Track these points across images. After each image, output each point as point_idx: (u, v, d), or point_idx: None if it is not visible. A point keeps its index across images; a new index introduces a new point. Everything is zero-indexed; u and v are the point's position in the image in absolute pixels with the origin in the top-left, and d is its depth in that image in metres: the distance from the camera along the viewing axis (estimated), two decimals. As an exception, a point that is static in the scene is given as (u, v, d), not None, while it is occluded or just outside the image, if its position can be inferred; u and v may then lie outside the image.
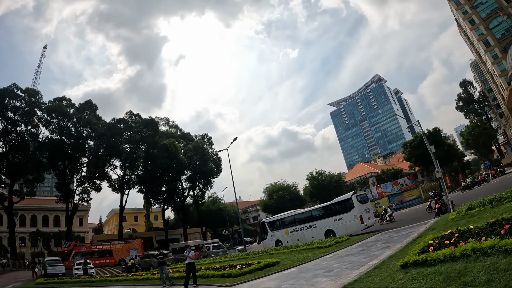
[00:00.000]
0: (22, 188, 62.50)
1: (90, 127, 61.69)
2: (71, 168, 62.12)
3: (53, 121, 60.10)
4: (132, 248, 55.45)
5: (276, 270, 17.46)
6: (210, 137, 77.22)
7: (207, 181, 72.30)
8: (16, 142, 58.20)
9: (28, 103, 58.83)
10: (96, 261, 50.60)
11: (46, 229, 79.71)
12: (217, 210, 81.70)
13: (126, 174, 65.83)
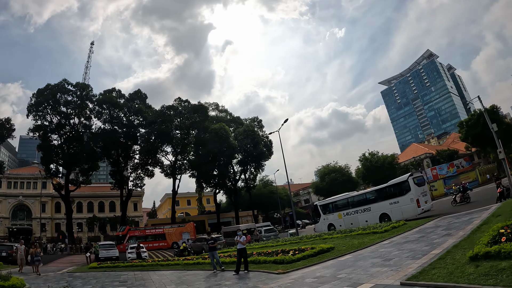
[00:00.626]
0: (78, 177, 65.78)
1: (141, 116, 63.97)
2: (124, 156, 64.83)
3: (105, 112, 63.11)
4: (184, 231, 57.01)
5: (331, 256, 16.76)
6: (260, 120, 77.14)
7: (258, 164, 72.28)
8: (71, 134, 62.28)
9: (79, 96, 62.39)
10: (149, 245, 53.51)
11: (102, 215, 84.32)
12: (269, 193, 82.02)
13: (177, 160, 67.54)
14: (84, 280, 20.42)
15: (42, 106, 60.26)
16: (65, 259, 43.07)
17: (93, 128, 64.28)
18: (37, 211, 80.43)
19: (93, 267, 28.26)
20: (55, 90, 60.72)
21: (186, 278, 17.85)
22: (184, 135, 67.50)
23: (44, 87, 61.16)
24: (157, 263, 26.73)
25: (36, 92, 61.16)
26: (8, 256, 33.02)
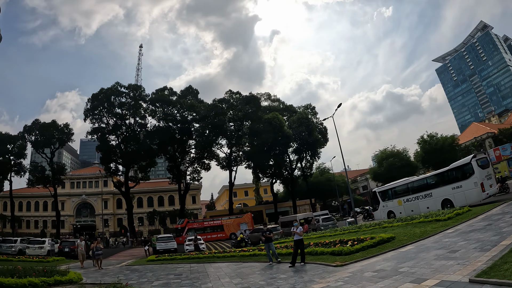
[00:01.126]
0: (137, 174, 69.95)
1: (194, 111, 65.49)
2: (180, 151, 67.28)
3: (158, 110, 65.82)
4: (242, 222, 58.12)
5: (391, 247, 16.27)
6: (313, 107, 76.40)
7: (314, 151, 71.71)
8: (127, 134, 65.44)
9: (132, 97, 65.40)
10: (208, 236, 55.63)
11: (162, 209, 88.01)
12: (326, 181, 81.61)
13: (233, 152, 68.98)
14: (140, 273, 21.01)
15: (98, 109, 63.69)
16: (126, 252, 45.41)
17: (149, 127, 67.20)
18: (99, 208, 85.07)
19: (151, 260, 29.15)
20: (109, 93, 63.94)
21: (241, 270, 17.79)
22: (237, 127, 68.63)
23: (98, 91, 64.48)
24: (213, 255, 26.78)
25: (91, 97, 64.60)
26: (71, 251, 35.70)
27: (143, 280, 17.35)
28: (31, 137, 68.84)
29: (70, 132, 69.41)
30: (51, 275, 15.27)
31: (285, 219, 50.88)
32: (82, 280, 16.69)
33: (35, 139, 68.45)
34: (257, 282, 13.46)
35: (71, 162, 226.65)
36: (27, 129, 68.81)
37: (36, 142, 68.28)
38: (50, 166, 69.24)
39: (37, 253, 36.35)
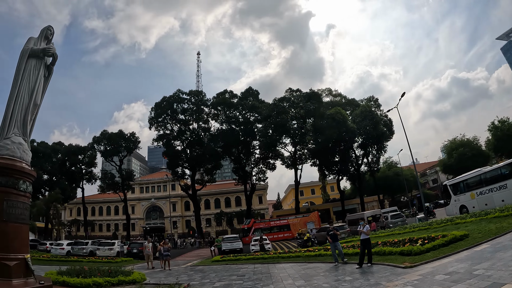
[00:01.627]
0: (203, 177, 71.42)
1: (256, 111, 66.77)
2: (245, 152, 68.57)
3: (220, 113, 68.06)
4: (309, 221, 57.91)
5: (465, 246, 15.23)
6: (376, 99, 74.04)
7: (380, 145, 70.10)
8: (192, 138, 68.07)
9: (194, 103, 68.18)
10: (274, 236, 56.22)
11: (229, 210, 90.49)
12: (394, 176, 79.37)
13: (297, 150, 69.11)
14: (204, 273, 21.23)
15: (161, 117, 67.18)
16: (193, 253, 46.96)
17: (212, 130, 69.30)
18: (168, 210, 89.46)
19: (216, 260, 29.38)
20: (171, 101, 67.12)
21: (305, 272, 17.55)
22: (300, 125, 68.72)
23: (160, 100, 67.83)
24: (278, 255, 26.62)
25: (154, 106, 68.13)
26: (139, 252, 37.53)
27: (205, 281, 17.49)
28: (100, 147, 74.84)
29: (137, 140, 74.64)
30: (115, 275, 16.20)
31: (352, 216, 49.98)
32: (146, 280, 17.31)
33: (104, 148, 74.30)
34: (320, 285, 13.18)
35: (140, 168, 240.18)
36: (96, 140, 74.68)
37: (105, 151, 74.20)
38: (119, 173, 74.05)
39: (106, 254, 39.01)
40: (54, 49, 11.40)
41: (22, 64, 10.83)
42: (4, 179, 9.44)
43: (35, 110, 11.03)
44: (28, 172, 10.18)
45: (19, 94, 10.55)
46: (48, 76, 11.67)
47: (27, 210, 9.99)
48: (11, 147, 10.01)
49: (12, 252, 8.98)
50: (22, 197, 9.81)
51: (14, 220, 9.30)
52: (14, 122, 10.40)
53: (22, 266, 9.04)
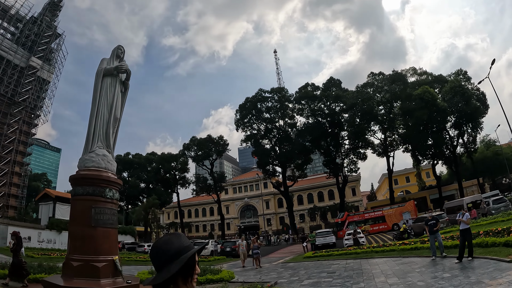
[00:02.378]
0: (294, 173, 73.73)
1: (340, 101, 67.08)
2: (333, 144, 69.51)
3: (304, 107, 69.44)
4: (404, 211, 55.90)
5: None
6: (465, 72, 68.80)
7: (475, 123, 65.24)
8: (279, 136, 70.73)
9: (278, 100, 70.30)
10: (369, 228, 55.51)
11: (322, 204, 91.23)
12: (493, 156, 74.11)
13: (387, 136, 68.17)
14: (294, 271, 21.16)
15: (247, 118, 70.56)
16: (286, 249, 48.14)
17: (298, 125, 71.43)
18: (261, 208, 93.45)
19: (307, 257, 28.96)
20: (255, 101, 70.02)
21: (399, 267, 16.77)
22: (387, 109, 67.50)
23: (244, 101, 71.14)
24: (371, 249, 25.95)
25: (239, 108, 71.60)
26: (232, 251, 39.70)
27: (293, 279, 17.38)
28: (191, 153, 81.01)
29: (225, 143, 79.94)
30: (204, 274, 16.94)
31: (451, 204, 46.69)
32: (234, 278, 17.55)
33: (195, 154, 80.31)
34: (415, 283, 12.39)
35: (232, 169, 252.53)
36: (186, 147, 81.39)
37: (195, 156, 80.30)
38: (211, 176, 79.08)
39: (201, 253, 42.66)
40: (126, 66, 12.34)
41: (98, 83, 11.94)
42: (91, 189, 10.63)
43: (115, 123, 12.18)
44: (113, 181, 11.32)
45: (99, 110, 11.68)
46: (125, 91, 12.74)
47: (114, 216, 11.15)
48: (96, 159, 11.17)
49: (101, 255, 10.08)
50: (109, 204, 10.94)
51: (102, 225, 10.45)
52: (97, 136, 11.55)
53: (111, 267, 10.07)
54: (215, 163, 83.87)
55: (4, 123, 71.13)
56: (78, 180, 10.92)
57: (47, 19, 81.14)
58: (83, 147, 11.68)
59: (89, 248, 10.07)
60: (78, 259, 9.93)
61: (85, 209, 10.45)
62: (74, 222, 10.75)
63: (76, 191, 10.84)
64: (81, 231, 10.36)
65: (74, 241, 10.53)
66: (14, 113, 72.51)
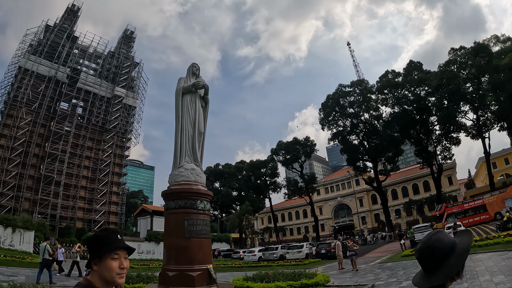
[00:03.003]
0: (385, 167, 73.21)
1: (424, 85, 64.71)
2: (423, 131, 66.94)
3: (388, 96, 68.01)
4: (507, 197, 50.10)
5: None
6: None
7: None
8: (366, 130, 70.49)
9: (359, 93, 70.22)
10: (470, 220, 51.26)
11: (418, 197, 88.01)
12: None
13: (479, 116, 63.97)
14: (392, 271, 20.76)
15: (331, 116, 71.05)
16: (382, 248, 47.13)
17: (384, 116, 70.39)
18: (355, 207, 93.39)
19: (405, 255, 28.10)
20: (336, 97, 70.41)
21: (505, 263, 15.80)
22: (475, 86, 63.55)
23: (325, 100, 71.99)
24: (474, 243, 23.44)
25: (321, 107, 72.69)
26: (327, 253, 40.08)
27: (391, 280, 16.88)
28: (279, 157, 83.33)
29: (312, 144, 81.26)
30: (299, 278, 16.65)
31: None
32: (329, 282, 17.24)
33: (283, 158, 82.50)
34: None
35: (322, 169, 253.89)
36: (274, 152, 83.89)
37: (284, 160, 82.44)
38: (302, 178, 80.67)
39: (296, 257, 42.12)
40: (203, 82, 12.84)
41: (179, 102, 12.59)
42: (183, 202, 11.25)
43: (201, 137, 12.75)
44: (203, 193, 11.85)
45: (183, 127, 12.33)
46: (206, 105, 13.28)
47: (207, 226, 11.64)
48: (185, 174, 11.77)
49: (195, 264, 10.64)
50: (202, 215, 11.48)
51: (196, 236, 10.99)
52: (184, 152, 12.20)
53: (205, 275, 10.59)
54: (305, 164, 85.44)
55: (99, 149, 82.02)
56: (170, 195, 11.71)
57: (123, 51, 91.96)
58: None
59: (184, 258, 10.75)
60: (173, 269, 10.68)
61: (178, 221, 11.14)
62: (169, 235, 11.55)
63: (168, 205, 11.62)
64: (176, 243, 11.11)
65: (169, 252, 11.31)
66: (107, 139, 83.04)
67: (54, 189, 71.89)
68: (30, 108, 74.21)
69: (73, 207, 74.62)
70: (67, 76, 79.59)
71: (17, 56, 78.77)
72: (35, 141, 73.87)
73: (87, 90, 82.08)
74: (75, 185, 76.43)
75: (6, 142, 70.13)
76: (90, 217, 76.13)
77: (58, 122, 76.56)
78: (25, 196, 69.88)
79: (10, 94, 74.55)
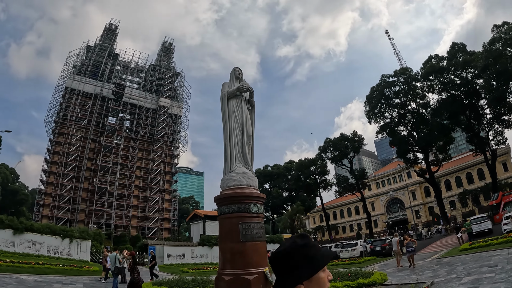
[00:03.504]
0: (437, 157, 70.26)
1: (470, 67, 62.25)
2: (474, 116, 64.40)
3: (434, 82, 65.75)
4: None
5: None
6: None
7: None
8: (414, 119, 68.27)
9: (403, 82, 68.25)
10: None
11: (472, 186, 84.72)
12: None
13: None
14: (450, 267, 20.17)
15: (376, 108, 69.77)
16: (439, 243, 45.04)
17: (432, 104, 67.86)
18: (408, 200, 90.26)
19: (463, 249, 27.43)
20: (380, 88, 68.90)
21: None
22: None
23: (369, 92, 70.71)
24: None
25: (366, 99, 71.56)
26: (382, 250, 38.97)
27: (451, 277, 16.47)
28: (328, 154, 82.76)
29: (360, 138, 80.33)
30: (355, 278, 16.35)
31: None
32: (387, 280, 16.69)
33: (332, 155, 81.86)
34: None
35: (372, 164, 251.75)
36: (322, 149, 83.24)
37: (333, 157, 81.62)
38: (352, 174, 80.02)
39: (350, 255, 41.32)
40: (247, 85, 12.81)
41: (225, 107, 12.57)
42: (237, 206, 11.22)
43: (249, 141, 12.68)
44: (256, 196, 11.76)
45: (231, 131, 12.32)
46: (252, 108, 13.20)
47: (261, 229, 11.53)
48: (236, 178, 11.77)
49: (251, 267, 10.54)
50: (256, 218, 11.41)
51: (251, 239, 10.92)
52: (234, 156, 12.19)
53: (261, 278, 10.46)
54: (354, 160, 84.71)
55: (149, 159, 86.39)
56: (223, 199, 11.68)
57: (164, 63, 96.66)
58: (222, 167, 12.66)
59: (240, 262, 10.70)
60: (229, 273, 10.67)
61: (232, 226, 11.13)
62: (224, 239, 11.56)
63: (222, 210, 11.62)
64: (231, 247, 11.09)
65: (225, 256, 11.36)
66: (156, 149, 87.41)
67: (108, 200, 76.55)
68: (80, 125, 79.60)
69: (127, 216, 78.76)
70: (112, 91, 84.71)
71: (62, 78, 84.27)
72: (86, 155, 79.01)
73: (132, 104, 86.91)
74: (128, 194, 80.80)
75: (60, 158, 75.81)
76: (144, 224, 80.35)
77: (107, 136, 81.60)
78: (81, 208, 74.83)
79: (60, 114, 79.82)
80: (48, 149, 78.71)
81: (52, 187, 74.42)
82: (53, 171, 75.78)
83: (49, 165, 76.82)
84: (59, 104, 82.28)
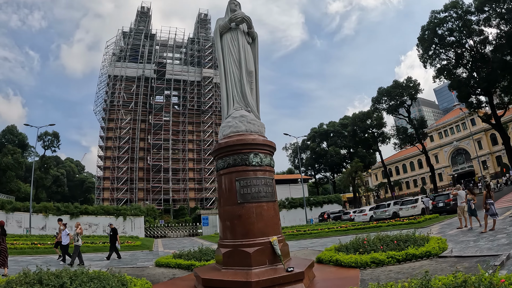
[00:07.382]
0: (502, 98, 62.31)
1: None
2: None
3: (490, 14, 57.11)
4: None
5: None
6: None
7: None
8: (473, 59, 60.19)
9: (457, 17, 59.41)
10: None
11: None
12: None
13: None
14: None
15: (431, 50, 62.02)
16: (509, 196, 39.41)
17: (490, 39, 59.38)
18: (473, 150, 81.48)
19: None
20: (432, 27, 60.75)
21: None
22: None
23: (421, 33, 62.79)
24: None
25: (418, 41, 63.89)
26: (445, 206, 33.79)
27: None
28: (382, 105, 76.15)
29: (416, 83, 72.83)
30: (405, 246, 12.19)
31: None
32: (446, 250, 11.84)
33: (387, 105, 75.20)
34: None
35: (434, 114, 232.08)
36: (376, 100, 76.65)
37: (388, 108, 75.03)
38: (410, 124, 73.51)
39: (410, 213, 36.32)
40: (241, 14, 10.79)
41: (218, 43, 10.93)
42: (232, 158, 9.12)
43: (251, 78, 10.64)
44: (259, 143, 9.40)
45: (226, 70, 10.58)
46: (253, 41, 11.23)
47: (267, 186, 9.11)
48: (232, 123, 9.79)
49: (252, 237, 8.46)
50: (259, 172, 9.09)
51: (251, 200, 8.77)
52: (232, 98, 10.34)
53: (266, 251, 8.32)
54: (413, 110, 78.09)
55: (199, 131, 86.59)
56: (216, 152, 9.66)
57: (202, 34, 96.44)
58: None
59: (237, 230, 8.70)
60: (227, 244, 8.78)
61: (228, 184, 9.06)
62: (221, 202, 9.55)
63: (217, 165, 9.61)
64: (228, 212, 9.01)
65: (224, 224, 9.24)
66: (205, 120, 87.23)
67: (164, 176, 78.53)
68: (128, 108, 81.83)
69: (184, 189, 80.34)
70: (154, 71, 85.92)
71: (104, 67, 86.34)
72: (138, 136, 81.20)
73: (176, 79, 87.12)
74: (183, 168, 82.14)
75: (113, 143, 78.97)
76: (202, 195, 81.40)
77: (155, 115, 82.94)
78: (139, 187, 77.45)
79: (107, 101, 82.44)
80: (101, 136, 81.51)
81: (110, 171, 77.80)
82: (109, 156, 79.04)
83: (104, 150, 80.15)
84: (105, 92, 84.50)
